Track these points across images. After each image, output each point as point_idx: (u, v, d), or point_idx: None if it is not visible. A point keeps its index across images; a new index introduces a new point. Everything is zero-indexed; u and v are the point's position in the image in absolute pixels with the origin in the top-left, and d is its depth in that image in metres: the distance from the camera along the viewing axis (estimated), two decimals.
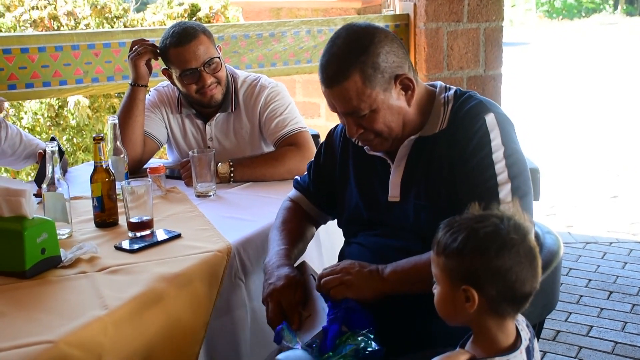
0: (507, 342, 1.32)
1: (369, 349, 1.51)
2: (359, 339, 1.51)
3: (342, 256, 1.95)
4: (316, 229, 2.08)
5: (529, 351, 1.34)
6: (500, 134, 1.67)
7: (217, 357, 1.89)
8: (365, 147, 1.83)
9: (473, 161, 1.66)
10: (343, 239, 1.99)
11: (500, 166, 1.64)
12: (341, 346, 1.51)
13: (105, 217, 2.11)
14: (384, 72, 1.66)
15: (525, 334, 1.36)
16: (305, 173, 2.08)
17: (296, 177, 2.12)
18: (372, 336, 1.53)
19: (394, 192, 1.79)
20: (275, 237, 1.93)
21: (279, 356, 1.40)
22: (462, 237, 1.29)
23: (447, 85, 1.82)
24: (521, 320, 1.38)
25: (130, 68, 2.64)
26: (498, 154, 1.65)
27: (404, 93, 1.71)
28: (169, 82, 2.73)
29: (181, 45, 2.52)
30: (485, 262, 1.26)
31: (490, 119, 1.68)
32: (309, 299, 1.72)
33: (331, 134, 2.01)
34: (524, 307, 1.33)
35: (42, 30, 5.52)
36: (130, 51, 2.65)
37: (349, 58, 1.65)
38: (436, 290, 1.35)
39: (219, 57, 2.58)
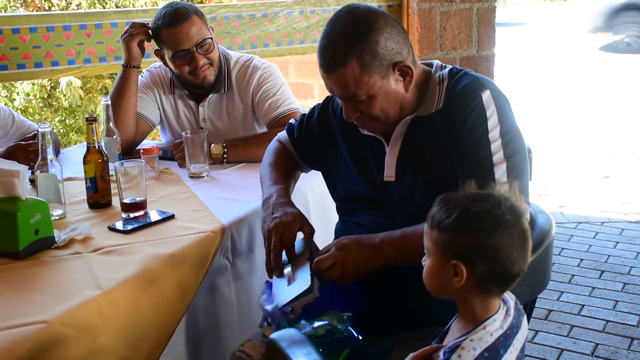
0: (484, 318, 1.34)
1: (345, 334, 1.53)
2: (335, 320, 1.53)
3: (337, 234, 1.95)
4: (301, 172, 2.13)
5: (513, 327, 1.35)
6: (496, 112, 1.67)
7: (200, 336, 1.91)
8: (360, 128, 1.83)
9: (469, 140, 1.66)
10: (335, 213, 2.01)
11: (496, 145, 1.65)
12: (315, 319, 1.53)
13: (98, 198, 2.11)
14: (383, 59, 1.65)
15: (509, 311, 1.37)
16: (298, 121, 2.09)
17: (291, 120, 2.13)
18: (348, 322, 1.54)
19: (389, 172, 1.79)
20: (269, 175, 1.99)
21: (272, 335, 1.41)
22: (458, 214, 1.30)
23: (443, 64, 1.82)
24: (509, 299, 1.39)
25: (122, 49, 2.63)
26: (494, 133, 1.65)
27: (402, 79, 1.70)
28: (161, 63, 2.72)
29: (173, 26, 2.51)
30: (479, 240, 1.28)
31: (486, 96, 1.68)
32: (299, 267, 1.73)
33: (328, 101, 2.00)
34: (510, 287, 1.35)
35: (32, 11, 5.47)
36: (123, 32, 2.64)
37: (347, 45, 1.64)
38: (426, 262, 1.37)
39: (211, 38, 2.57)
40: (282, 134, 2.14)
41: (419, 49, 3.62)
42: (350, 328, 1.53)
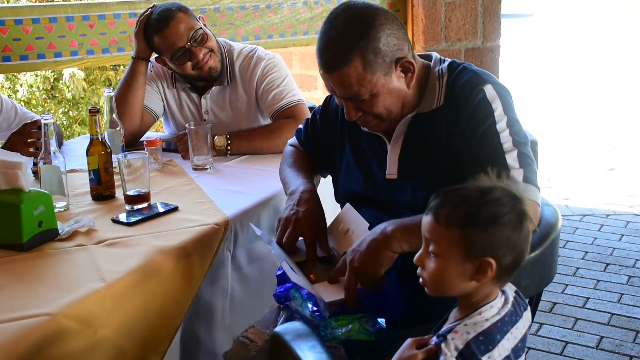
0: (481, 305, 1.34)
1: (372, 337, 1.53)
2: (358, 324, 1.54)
3: None
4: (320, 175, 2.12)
5: (511, 315, 1.35)
6: (501, 104, 1.66)
7: (193, 324, 1.93)
8: (361, 127, 1.81)
9: (477, 133, 1.65)
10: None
11: (505, 135, 1.63)
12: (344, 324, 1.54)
13: (102, 190, 2.10)
14: (385, 56, 1.63)
15: (507, 300, 1.36)
16: (303, 125, 2.09)
17: (299, 126, 2.12)
18: (369, 324, 1.55)
19: (391, 170, 1.78)
20: (293, 172, 1.97)
21: (276, 329, 1.40)
22: (483, 210, 1.28)
23: (442, 57, 1.81)
24: (507, 289, 1.39)
25: (134, 41, 2.63)
26: (502, 124, 1.64)
27: (403, 75, 1.69)
28: None
29: (162, 30, 2.51)
30: (509, 233, 1.28)
31: (489, 89, 1.67)
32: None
33: (328, 102, 1.99)
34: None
35: (35, 1, 5.46)
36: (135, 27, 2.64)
37: (349, 42, 1.61)
38: (434, 263, 1.32)
39: (201, 28, 2.55)
40: (293, 140, 2.13)
41: (423, 40, 3.60)
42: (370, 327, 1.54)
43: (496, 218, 1.28)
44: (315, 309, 1.57)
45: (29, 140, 2.36)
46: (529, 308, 1.43)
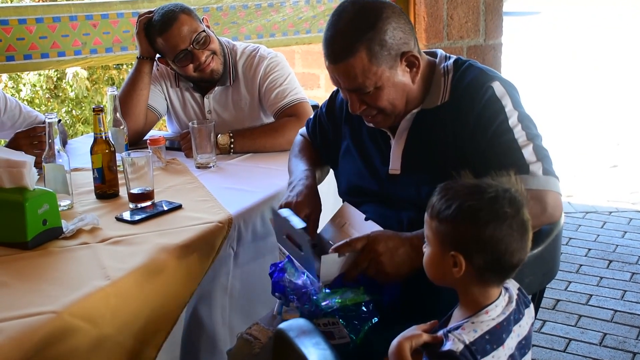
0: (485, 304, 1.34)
1: (370, 308, 1.53)
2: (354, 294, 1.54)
3: None
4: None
5: (514, 313, 1.35)
6: (510, 100, 1.67)
7: (199, 323, 1.94)
8: (365, 121, 1.82)
9: (490, 131, 1.65)
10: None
11: (518, 130, 1.64)
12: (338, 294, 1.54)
13: (105, 188, 2.11)
14: (391, 49, 1.64)
15: (511, 299, 1.37)
16: (312, 116, 2.11)
17: (309, 118, 2.14)
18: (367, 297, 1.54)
19: (394, 165, 1.78)
20: (296, 163, 2.01)
21: (280, 325, 1.40)
22: (457, 205, 1.30)
23: (447, 54, 1.81)
24: (511, 287, 1.39)
25: (137, 40, 2.63)
26: (513, 119, 1.65)
27: (408, 70, 1.69)
28: None
29: (165, 32, 2.52)
30: (477, 232, 1.28)
31: (497, 86, 1.68)
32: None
33: (334, 97, 2.00)
34: (510, 277, 1.36)
35: (38, 1, 5.47)
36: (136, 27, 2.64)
37: (356, 34, 1.62)
38: (426, 250, 1.38)
39: (204, 30, 2.56)
40: (303, 129, 2.15)
41: (425, 38, 3.60)
42: (370, 304, 1.53)
43: (466, 216, 1.29)
44: (309, 279, 1.58)
45: (34, 143, 2.37)
46: (531, 305, 1.43)
